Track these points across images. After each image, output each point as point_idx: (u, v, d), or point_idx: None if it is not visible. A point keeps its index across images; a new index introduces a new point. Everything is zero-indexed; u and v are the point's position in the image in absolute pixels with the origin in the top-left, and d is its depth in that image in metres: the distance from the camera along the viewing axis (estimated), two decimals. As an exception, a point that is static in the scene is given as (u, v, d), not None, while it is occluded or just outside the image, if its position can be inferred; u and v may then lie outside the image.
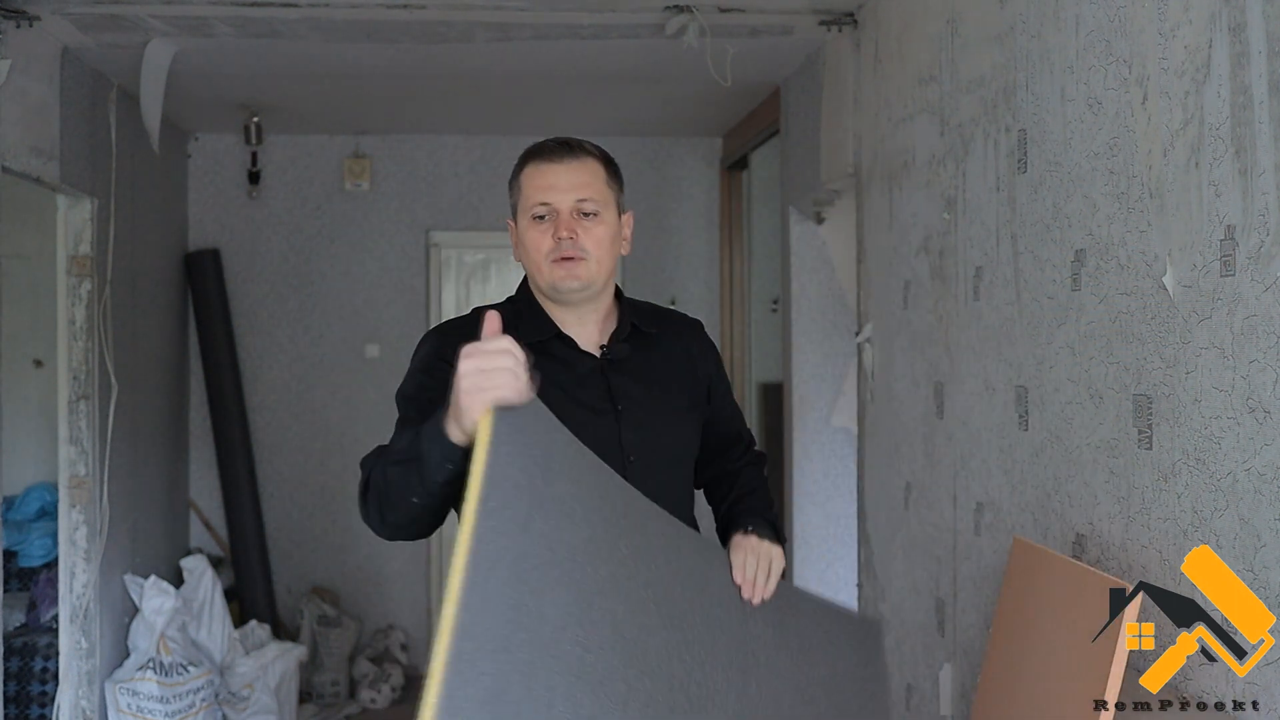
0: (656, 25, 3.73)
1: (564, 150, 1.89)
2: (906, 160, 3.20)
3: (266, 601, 5.46)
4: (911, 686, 3.21)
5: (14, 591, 4.77)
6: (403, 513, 1.62)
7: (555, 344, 1.89)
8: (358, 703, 5.35)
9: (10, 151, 3.53)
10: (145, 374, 4.91)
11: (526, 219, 1.89)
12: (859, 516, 3.76)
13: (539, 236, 1.86)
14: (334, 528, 5.77)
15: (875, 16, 3.52)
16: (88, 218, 4.24)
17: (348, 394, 5.78)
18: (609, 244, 1.89)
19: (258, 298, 5.76)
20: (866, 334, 3.62)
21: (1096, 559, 2.10)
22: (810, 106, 4.18)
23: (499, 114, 5.31)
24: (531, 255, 1.88)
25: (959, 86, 2.81)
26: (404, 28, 3.78)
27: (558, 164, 1.88)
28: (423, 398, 1.77)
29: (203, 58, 4.13)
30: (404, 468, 1.56)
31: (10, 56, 3.50)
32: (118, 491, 4.41)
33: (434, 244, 5.85)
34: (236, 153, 5.72)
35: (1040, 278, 2.35)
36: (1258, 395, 1.65)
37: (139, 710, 4.33)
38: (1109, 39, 2.07)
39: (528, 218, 1.88)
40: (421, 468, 1.52)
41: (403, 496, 1.58)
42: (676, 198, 5.93)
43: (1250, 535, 1.67)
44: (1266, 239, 1.63)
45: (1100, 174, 2.10)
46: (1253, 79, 1.67)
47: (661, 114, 5.33)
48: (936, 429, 2.98)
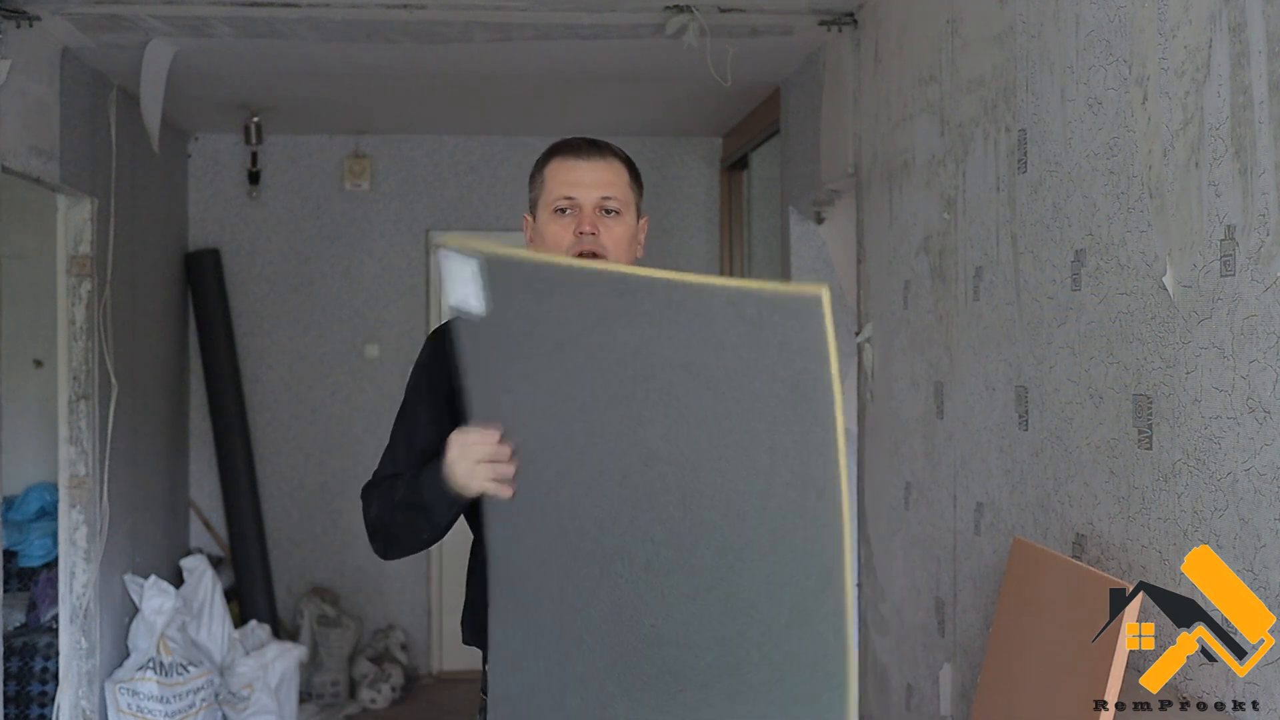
0: (656, 25, 3.73)
1: (591, 148, 1.90)
2: (906, 160, 3.20)
3: (266, 601, 5.46)
4: (911, 686, 3.21)
5: (14, 591, 4.77)
6: (413, 547, 1.81)
7: None
8: (358, 703, 5.35)
9: (10, 151, 3.53)
10: (145, 374, 4.91)
11: (548, 212, 1.88)
12: (859, 517, 3.76)
13: (560, 230, 1.87)
14: (334, 528, 5.77)
15: (875, 16, 3.52)
16: (88, 218, 4.24)
17: (348, 394, 5.78)
18: (627, 244, 1.90)
19: (258, 298, 5.76)
20: (866, 334, 3.62)
21: (1096, 559, 2.10)
22: (810, 106, 4.18)
23: (499, 114, 5.31)
24: (550, 248, 1.88)
25: (959, 86, 2.81)
26: (404, 28, 3.78)
27: (584, 161, 1.89)
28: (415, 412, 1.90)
29: (203, 58, 4.13)
30: (410, 513, 1.74)
31: (10, 56, 3.50)
32: (118, 491, 4.41)
33: (434, 244, 5.85)
34: (236, 153, 5.72)
35: (1040, 278, 2.35)
36: (1258, 395, 1.65)
37: (139, 710, 4.33)
38: (1109, 39, 2.07)
39: (549, 211, 1.88)
40: (429, 513, 1.71)
41: (413, 536, 1.77)
42: (676, 198, 5.93)
43: (1250, 535, 1.67)
44: (1266, 239, 1.63)
45: (1100, 174, 2.10)
46: (1253, 79, 1.67)
47: (661, 114, 5.33)
48: (936, 429, 2.98)
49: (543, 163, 1.93)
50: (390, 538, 1.81)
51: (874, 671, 3.60)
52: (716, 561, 1.40)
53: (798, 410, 1.31)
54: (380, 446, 1.94)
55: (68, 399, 4.20)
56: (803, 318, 1.24)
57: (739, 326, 1.32)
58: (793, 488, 1.34)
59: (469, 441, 1.61)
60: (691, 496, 1.40)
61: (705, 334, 1.35)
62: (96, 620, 4.26)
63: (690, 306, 1.36)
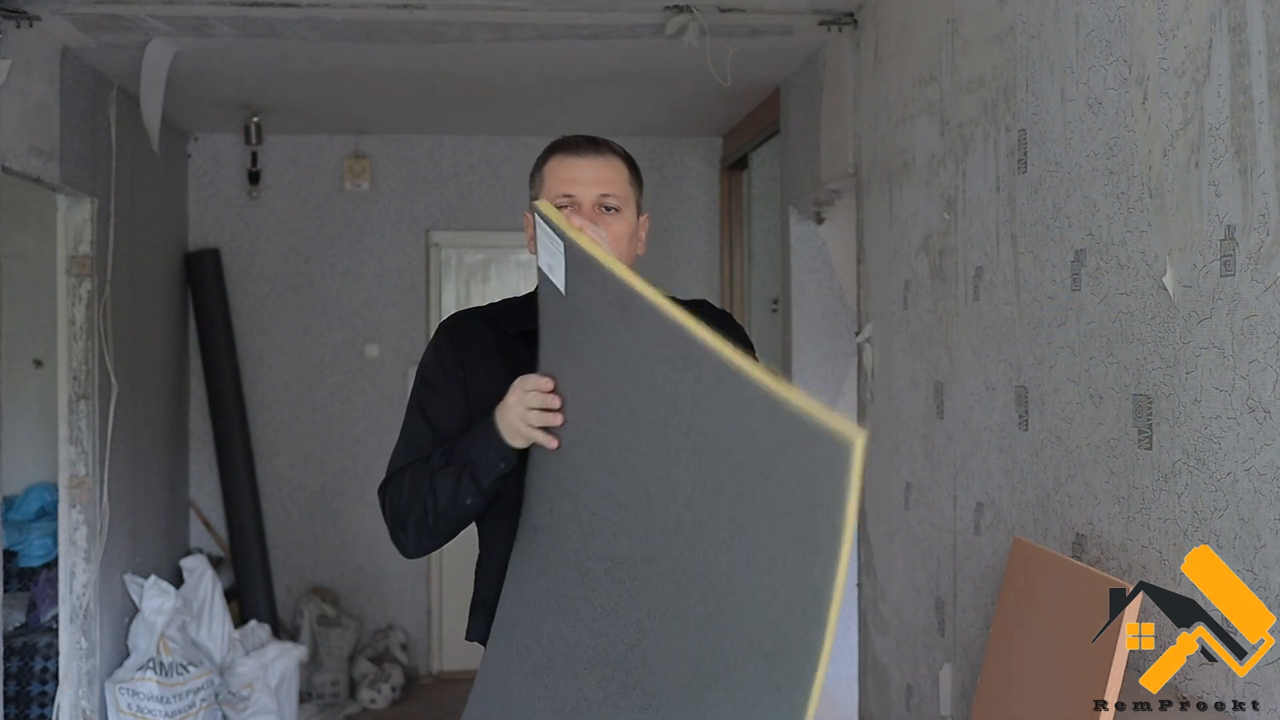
0: (656, 25, 3.73)
1: (590, 146, 1.90)
2: (906, 160, 3.19)
3: (266, 601, 5.46)
4: (911, 686, 3.21)
5: (14, 591, 4.77)
6: (453, 520, 1.78)
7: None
8: (358, 703, 5.36)
9: (10, 151, 3.53)
10: (145, 374, 4.91)
11: None
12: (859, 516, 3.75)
13: None
14: (334, 528, 5.77)
15: (875, 16, 3.52)
16: (88, 218, 4.24)
17: (348, 394, 5.78)
18: (627, 241, 1.90)
19: (258, 298, 5.76)
20: (866, 334, 3.62)
21: (1096, 559, 2.10)
22: (810, 106, 4.18)
23: (499, 114, 5.31)
24: None
25: (959, 86, 2.81)
26: (404, 28, 3.78)
27: (583, 158, 1.88)
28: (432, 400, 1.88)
29: (203, 58, 4.13)
30: (452, 481, 1.74)
31: (10, 56, 3.50)
32: (118, 491, 4.41)
33: (434, 244, 5.85)
34: (236, 153, 5.72)
35: (1040, 278, 2.35)
36: (1258, 395, 1.65)
37: (139, 710, 4.33)
38: (1109, 39, 2.07)
39: None
40: (474, 471, 1.72)
41: (454, 502, 1.75)
42: (676, 198, 5.93)
43: (1250, 535, 1.67)
44: (1266, 239, 1.63)
45: (1100, 174, 2.10)
46: (1253, 79, 1.67)
47: (661, 114, 5.33)
48: (936, 429, 2.98)
49: (542, 161, 1.93)
50: (422, 523, 1.78)
51: (874, 671, 3.60)
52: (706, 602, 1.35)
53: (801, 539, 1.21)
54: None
55: (68, 399, 4.20)
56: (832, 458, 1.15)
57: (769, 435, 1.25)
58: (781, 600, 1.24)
59: (529, 386, 1.66)
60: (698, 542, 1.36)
61: (738, 423, 1.29)
62: (96, 620, 4.26)
63: (733, 392, 1.30)
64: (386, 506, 1.83)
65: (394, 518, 1.81)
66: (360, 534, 5.75)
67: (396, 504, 1.80)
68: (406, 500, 1.79)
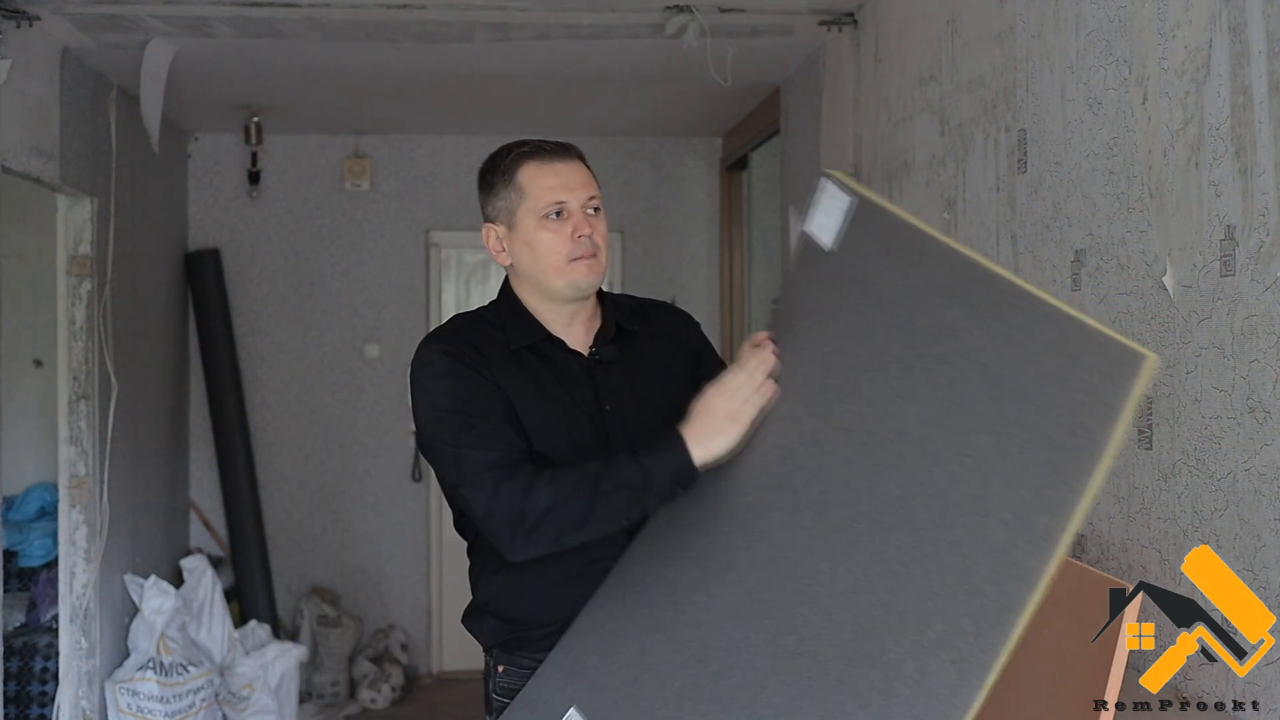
0: (656, 25, 3.73)
1: (563, 150, 1.88)
2: (906, 160, 3.19)
3: (266, 601, 5.46)
4: (911, 686, 3.21)
5: (14, 591, 4.77)
6: (594, 534, 1.73)
7: (545, 345, 1.88)
8: (358, 703, 5.35)
9: (10, 151, 3.53)
10: (145, 374, 4.91)
11: (535, 219, 1.82)
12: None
13: (555, 236, 1.82)
14: (334, 528, 5.77)
15: (875, 16, 3.52)
16: (88, 218, 4.24)
17: (348, 394, 5.78)
18: (605, 240, 1.90)
19: (258, 298, 5.76)
20: (866, 334, 3.62)
21: (1096, 559, 2.10)
22: (810, 106, 4.18)
23: (499, 114, 5.30)
24: (546, 258, 1.82)
25: (959, 86, 2.81)
26: (404, 28, 3.78)
27: (562, 164, 1.85)
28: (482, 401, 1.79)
29: (203, 58, 4.13)
30: (623, 496, 1.69)
31: (10, 56, 3.50)
32: (118, 491, 4.41)
33: (434, 244, 5.85)
34: (236, 153, 5.72)
35: (1040, 278, 2.35)
36: (1258, 395, 1.65)
37: (139, 710, 4.33)
38: (1109, 39, 2.07)
39: (536, 218, 1.82)
40: (646, 494, 1.69)
41: (610, 521, 1.71)
42: (676, 198, 5.93)
43: (1250, 535, 1.67)
44: (1266, 239, 1.63)
45: (1100, 174, 2.10)
46: (1253, 79, 1.67)
47: (661, 114, 5.33)
48: (936, 429, 2.97)
49: (511, 168, 1.85)
50: (562, 532, 1.70)
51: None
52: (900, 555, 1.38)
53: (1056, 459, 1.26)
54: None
55: (68, 399, 4.20)
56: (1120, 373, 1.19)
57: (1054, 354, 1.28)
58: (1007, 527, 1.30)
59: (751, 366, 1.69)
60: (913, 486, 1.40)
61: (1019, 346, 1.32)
62: (96, 620, 4.26)
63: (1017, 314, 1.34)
64: (503, 504, 1.71)
65: (530, 521, 1.70)
66: (360, 534, 5.75)
67: (534, 507, 1.69)
68: (545, 508, 1.69)
